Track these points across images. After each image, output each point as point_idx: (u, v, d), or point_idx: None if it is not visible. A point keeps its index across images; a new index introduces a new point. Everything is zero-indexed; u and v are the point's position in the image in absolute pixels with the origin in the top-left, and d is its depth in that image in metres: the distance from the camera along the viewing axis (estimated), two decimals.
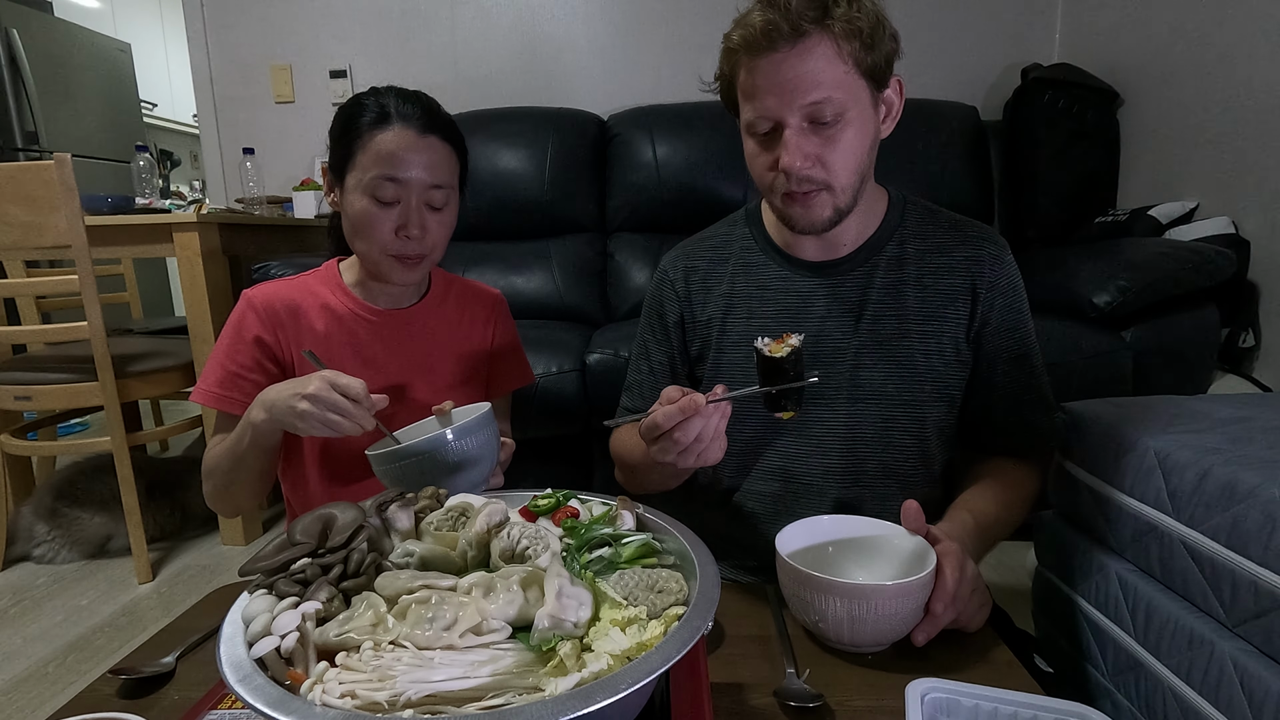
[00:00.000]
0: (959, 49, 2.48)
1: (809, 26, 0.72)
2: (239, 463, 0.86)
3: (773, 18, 0.71)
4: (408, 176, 0.86)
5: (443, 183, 0.89)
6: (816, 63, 0.72)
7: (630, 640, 0.43)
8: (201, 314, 1.85)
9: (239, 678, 0.40)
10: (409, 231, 0.87)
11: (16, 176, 1.57)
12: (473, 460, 0.73)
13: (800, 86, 0.73)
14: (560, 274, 2.23)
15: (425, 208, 0.89)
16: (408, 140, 0.86)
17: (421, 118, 0.88)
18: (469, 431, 0.72)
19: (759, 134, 0.78)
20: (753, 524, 0.90)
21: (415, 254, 0.90)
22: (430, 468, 0.71)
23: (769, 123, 0.77)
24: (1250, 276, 1.77)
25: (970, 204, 2.18)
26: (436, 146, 0.89)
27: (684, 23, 2.54)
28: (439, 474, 0.71)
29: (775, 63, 0.73)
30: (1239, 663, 0.67)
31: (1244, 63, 1.78)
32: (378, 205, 0.87)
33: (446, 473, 0.72)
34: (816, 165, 0.76)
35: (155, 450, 2.77)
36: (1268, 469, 0.69)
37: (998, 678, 0.61)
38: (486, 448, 0.75)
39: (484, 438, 0.74)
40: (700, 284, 0.93)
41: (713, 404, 0.66)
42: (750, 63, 0.75)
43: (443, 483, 0.68)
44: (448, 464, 0.71)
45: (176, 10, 3.12)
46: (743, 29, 0.75)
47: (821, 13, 0.72)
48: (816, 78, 0.73)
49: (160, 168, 2.98)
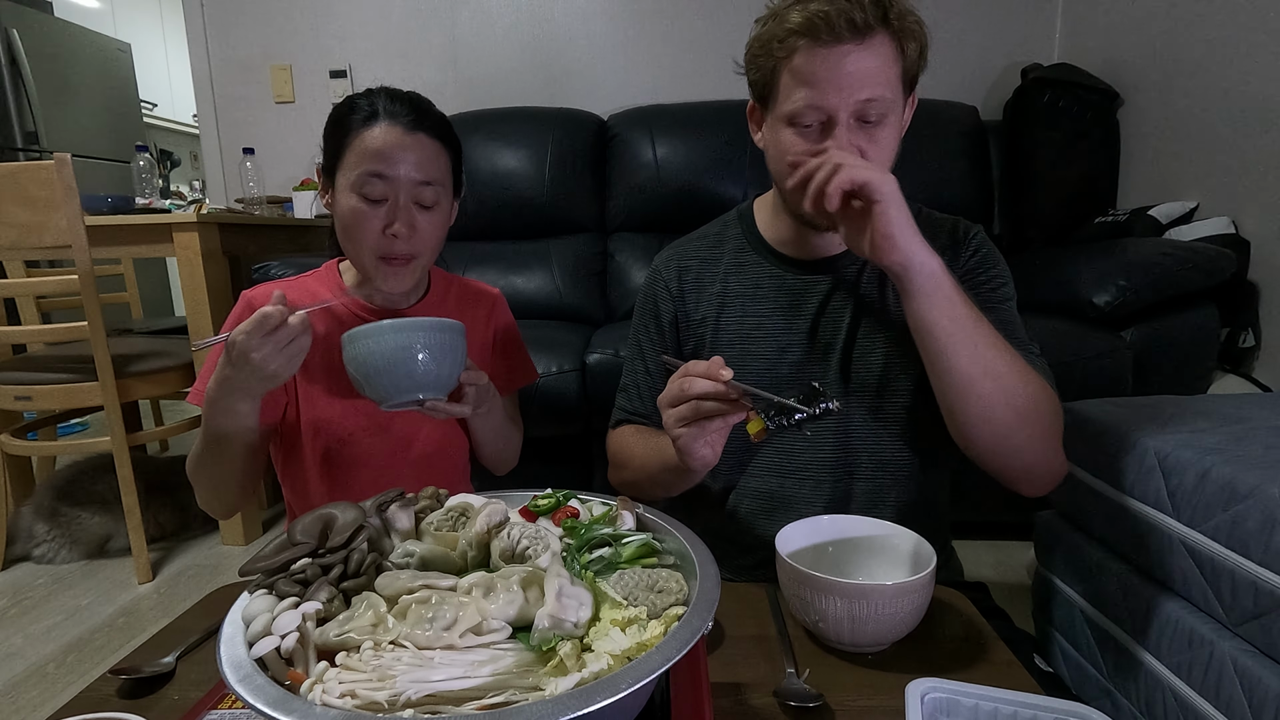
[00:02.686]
0: (959, 49, 2.48)
1: (876, 24, 0.72)
2: (214, 451, 0.85)
3: (846, 8, 0.71)
4: (395, 173, 0.85)
5: (432, 179, 0.88)
6: (878, 61, 0.73)
7: (630, 640, 0.43)
8: (201, 314, 1.85)
9: (239, 678, 0.40)
10: (396, 230, 0.86)
11: (16, 176, 1.57)
12: (436, 355, 0.76)
13: (862, 83, 0.73)
14: (560, 274, 2.23)
15: (414, 206, 0.87)
16: (394, 136, 0.85)
17: (409, 115, 0.87)
18: (436, 328, 0.76)
19: (802, 124, 0.77)
20: (750, 522, 0.90)
21: (404, 254, 0.88)
22: (393, 348, 0.74)
23: (820, 114, 0.75)
24: (1250, 276, 1.77)
25: (970, 204, 2.18)
26: (425, 143, 0.87)
27: (684, 22, 2.54)
28: (400, 362, 0.75)
29: (841, 54, 0.73)
30: (1239, 663, 0.67)
31: (1244, 63, 1.78)
32: (366, 203, 0.86)
33: (408, 364, 0.75)
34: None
35: (155, 450, 2.77)
36: (1268, 469, 0.69)
37: (998, 678, 0.61)
38: (450, 346, 0.78)
39: (448, 339, 0.78)
40: (693, 283, 0.93)
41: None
42: (811, 49, 0.74)
43: (404, 378, 0.74)
44: (409, 349, 0.75)
45: (176, 10, 3.12)
46: (806, 13, 0.73)
47: (883, 13, 0.72)
48: (876, 76, 0.73)
49: (160, 168, 2.98)
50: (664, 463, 0.79)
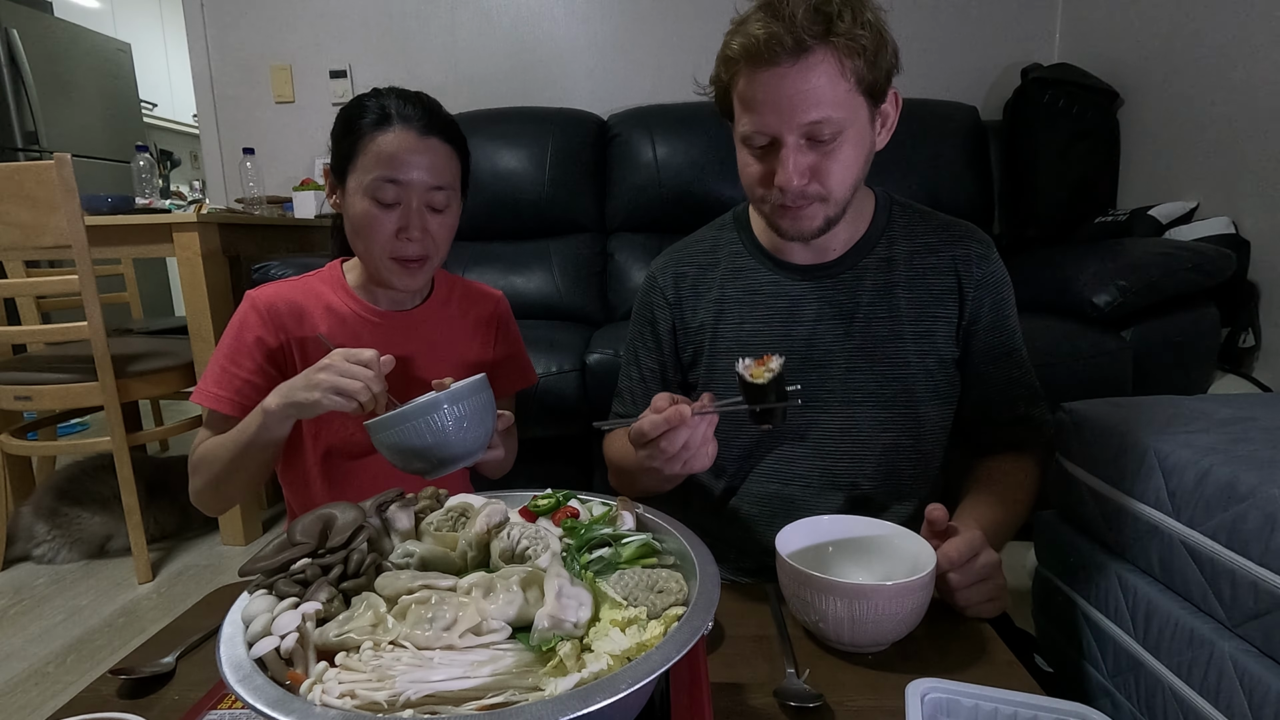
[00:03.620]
0: (959, 49, 2.47)
1: (813, 42, 0.70)
2: (243, 453, 0.85)
3: (776, 30, 0.69)
4: (409, 178, 0.86)
5: (444, 184, 0.89)
6: (818, 80, 0.71)
7: (630, 640, 0.43)
8: (201, 314, 1.85)
9: (239, 678, 0.40)
10: (410, 234, 0.87)
11: (16, 176, 1.57)
12: (468, 425, 0.73)
13: (801, 104, 0.72)
14: (560, 274, 2.23)
15: (426, 209, 0.88)
16: (408, 142, 0.86)
17: (422, 119, 0.88)
18: (463, 396, 0.73)
19: (754, 147, 0.77)
20: (749, 527, 0.90)
21: (417, 256, 0.89)
22: (426, 430, 0.71)
23: (766, 137, 0.76)
24: (1250, 276, 1.77)
25: (970, 204, 2.18)
26: (437, 148, 0.88)
27: (684, 23, 2.54)
28: (436, 439, 0.71)
29: (777, 77, 0.72)
30: (1239, 663, 0.67)
31: (1244, 63, 1.78)
32: (378, 207, 0.87)
33: (443, 438, 0.72)
34: (812, 181, 0.76)
35: (155, 450, 2.77)
36: (1268, 469, 0.69)
37: (998, 678, 0.61)
38: (481, 412, 0.75)
39: (478, 403, 0.74)
40: (690, 290, 0.93)
41: (699, 415, 0.66)
42: (751, 74, 0.74)
43: (440, 450, 0.70)
44: (443, 428, 0.71)
45: (176, 10, 3.12)
46: (743, 37, 0.72)
47: (825, 28, 0.70)
48: (818, 96, 0.71)
49: (160, 168, 2.98)
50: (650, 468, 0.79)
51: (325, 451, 0.95)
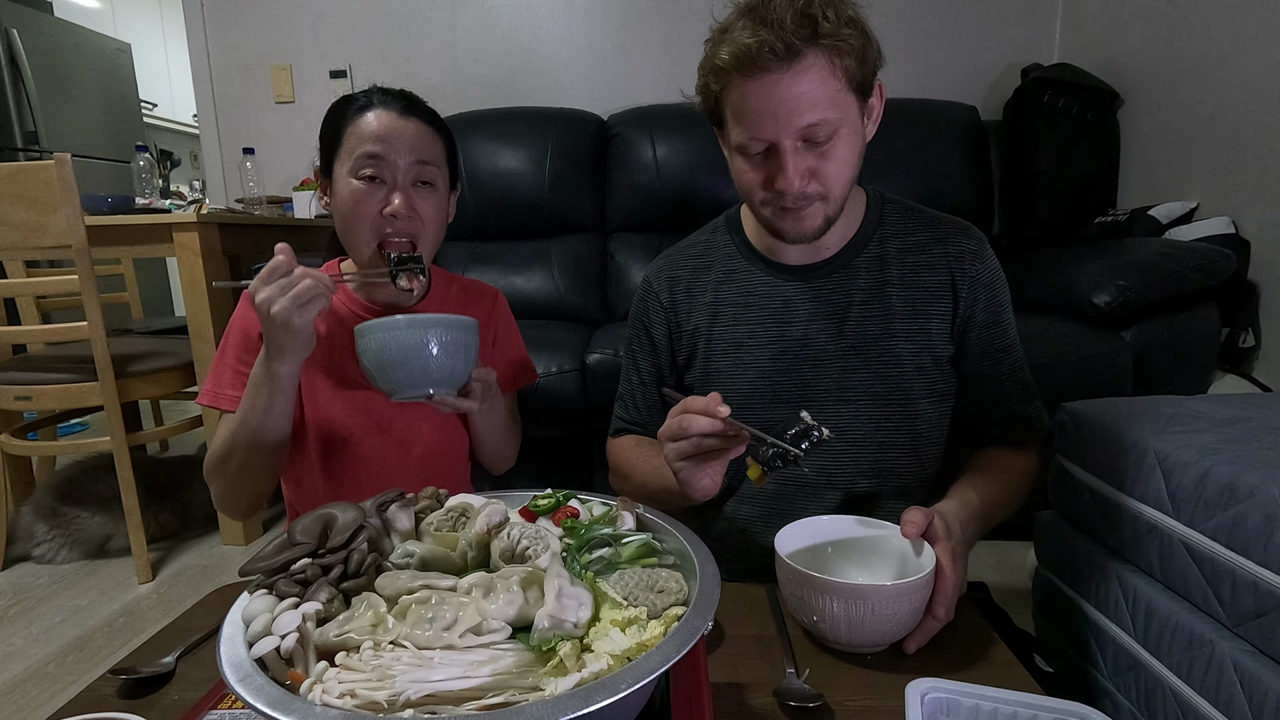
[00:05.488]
0: (959, 49, 2.47)
1: (802, 45, 0.70)
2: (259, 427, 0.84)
3: (766, 37, 0.69)
4: (391, 151, 0.87)
5: (429, 159, 0.89)
6: (811, 83, 0.71)
7: (630, 640, 0.43)
8: (201, 314, 1.85)
9: (239, 678, 0.40)
10: (395, 209, 0.86)
11: (16, 176, 1.57)
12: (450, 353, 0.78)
13: (796, 109, 0.72)
14: (560, 274, 2.23)
15: (412, 187, 0.88)
16: (389, 119, 0.88)
17: (402, 102, 0.90)
18: (452, 325, 0.78)
19: (750, 154, 0.77)
20: (747, 529, 0.90)
21: (404, 233, 0.88)
22: (410, 343, 0.76)
23: (763, 144, 0.76)
24: (1250, 276, 1.77)
25: (970, 204, 2.18)
26: (419, 125, 0.90)
27: (684, 23, 2.54)
28: (416, 355, 0.76)
29: (770, 84, 0.71)
30: (1239, 663, 0.67)
31: (1244, 63, 1.78)
32: (364, 183, 0.87)
33: (424, 358, 0.76)
34: (812, 181, 0.76)
35: (155, 450, 2.77)
36: (1268, 469, 0.69)
37: (998, 678, 0.61)
38: (465, 348, 0.80)
39: (464, 338, 0.79)
40: (685, 293, 0.93)
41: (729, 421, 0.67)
42: (743, 83, 0.73)
43: (416, 367, 0.75)
44: (426, 345, 0.76)
45: (176, 10, 3.12)
46: (732, 46, 0.72)
47: (812, 30, 0.70)
48: (812, 99, 0.71)
49: (160, 168, 2.97)
50: (664, 485, 0.80)
51: (326, 451, 0.94)
